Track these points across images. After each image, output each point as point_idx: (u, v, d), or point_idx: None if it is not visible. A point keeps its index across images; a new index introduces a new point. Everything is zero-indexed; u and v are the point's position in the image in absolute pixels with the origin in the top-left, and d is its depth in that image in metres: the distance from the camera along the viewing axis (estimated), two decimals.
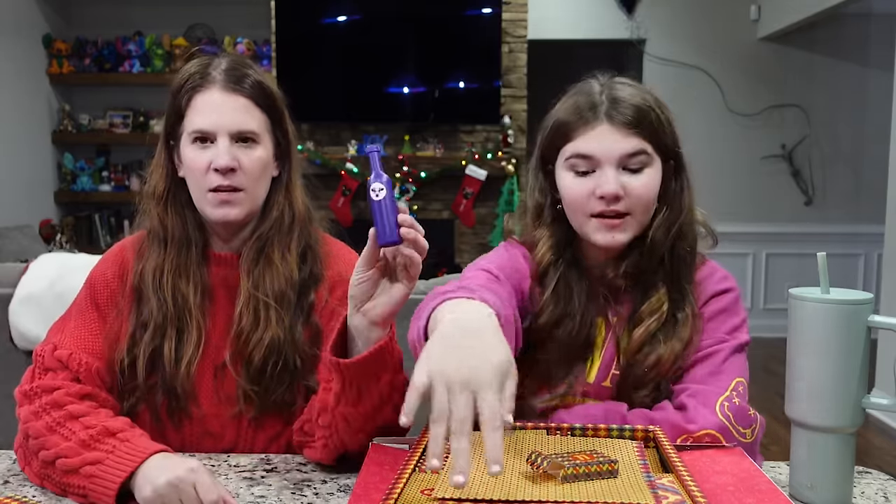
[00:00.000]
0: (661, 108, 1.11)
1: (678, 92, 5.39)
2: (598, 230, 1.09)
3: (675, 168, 1.14)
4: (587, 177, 1.09)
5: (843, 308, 0.91)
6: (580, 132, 1.09)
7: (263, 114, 1.18)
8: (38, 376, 1.12)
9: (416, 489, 0.82)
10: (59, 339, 1.15)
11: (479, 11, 4.76)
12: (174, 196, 1.19)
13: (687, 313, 1.10)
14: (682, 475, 0.83)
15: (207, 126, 1.14)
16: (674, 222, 1.12)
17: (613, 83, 1.12)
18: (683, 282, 1.12)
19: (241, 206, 1.16)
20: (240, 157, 1.14)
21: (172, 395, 1.15)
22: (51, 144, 5.22)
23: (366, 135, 4.89)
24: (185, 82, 1.16)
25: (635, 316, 1.12)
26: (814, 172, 5.46)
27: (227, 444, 1.18)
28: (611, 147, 1.07)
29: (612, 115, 1.07)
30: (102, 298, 1.19)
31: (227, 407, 1.17)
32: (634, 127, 1.07)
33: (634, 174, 1.08)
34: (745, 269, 5.53)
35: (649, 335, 1.10)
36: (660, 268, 1.12)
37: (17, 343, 1.91)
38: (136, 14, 5.25)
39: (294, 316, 1.18)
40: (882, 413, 3.77)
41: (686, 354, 1.10)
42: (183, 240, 1.18)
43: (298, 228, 1.22)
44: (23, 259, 3.42)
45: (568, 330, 1.12)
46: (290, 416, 1.17)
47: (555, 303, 1.12)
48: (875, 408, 0.92)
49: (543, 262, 1.14)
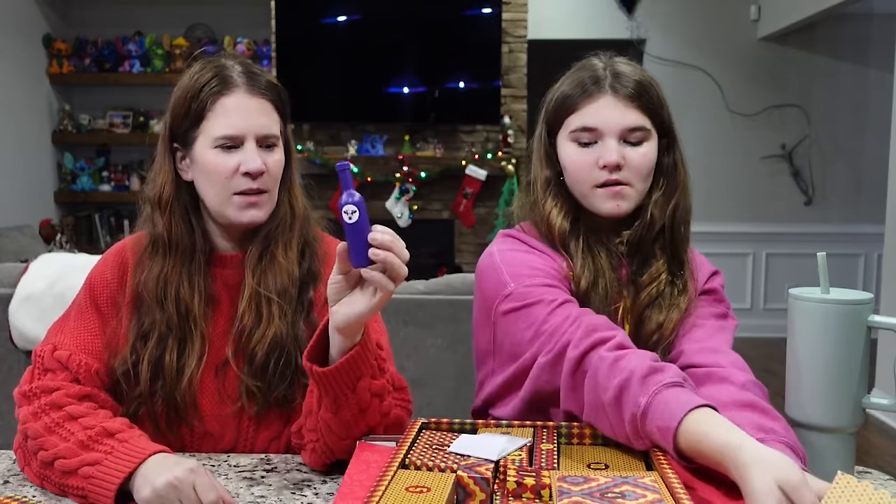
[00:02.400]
0: (657, 87, 1.17)
1: (678, 92, 5.39)
2: (603, 199, 1.14)
3: (669, 144, 1.19)
4: (590, 148, 1.14)
5: (843, 308, 0.91)
6: (584, 104, 1.14)
7: (279, 116, 1.19)
8: (38, 377, 1.11)
9: (401, 486, 0.82)
10: (59, 340, 1.15)
11: (479, 11, 4.76)
12: (179, 201, 1.18)
13: (685, 282, 1.16)
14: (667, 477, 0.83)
15: (236, 130, 1.14)
16: (671, 196, 1.17)
17: (614, 60, 1.18)
18: (681, 253, 1.17)
19: (266, 207, 1.17)
20: (266, 160, 1.15)
21: (172, 404, 1.14)
22: (51, 144, 5.22)
23: (366, 134, 4.89)
24: (202, 86, 1.14)
25: (636, 283, 1.16)
26: (814, 172, 5.46)
27: (227, 444, 1.18)
28: (614, 119, 1.13)
29: (616, 87, 1.13)
30: (102, 299, 1.18)
31: (228, 405, 1.17)
32: (636, 100, 1.13)
33: (634, 146, 1.13)
34: (745, 269, 5.53)
35: (651, 301, 1.14)
36: (659, 238, 1.17)
37: (17, 343, 1.91)
38: (136, 14, 5.25)
39: (296, 312, 1.18)
40: (882, 413, 3.77)
41: (684, 322, 1.14)
42: (188, 247, 1.18)
43: (299, 225, 1.23)
44: (23, 259, 3.43)
45: (603, 290, 1.15)
46: (290, 414, 1.17)
47: (586, 267, 1.15)
48: (875, 408, 0.92)
49: (564, 231, 1.17)
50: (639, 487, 0.79)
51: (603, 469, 0.90)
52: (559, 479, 0.82)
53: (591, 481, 0.81)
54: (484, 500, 0.83)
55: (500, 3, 4.72)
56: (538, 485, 0.83)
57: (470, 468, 0.85)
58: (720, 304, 1.19)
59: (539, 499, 0.82)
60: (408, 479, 0.84)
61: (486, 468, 0.86)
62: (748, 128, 5.41)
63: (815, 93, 5.40)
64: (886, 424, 3.70)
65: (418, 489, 0.81)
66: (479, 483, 0.83)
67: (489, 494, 0.83)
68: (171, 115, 1.17)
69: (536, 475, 0.84)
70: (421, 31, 4.82)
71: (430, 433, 0.99)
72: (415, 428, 0.98)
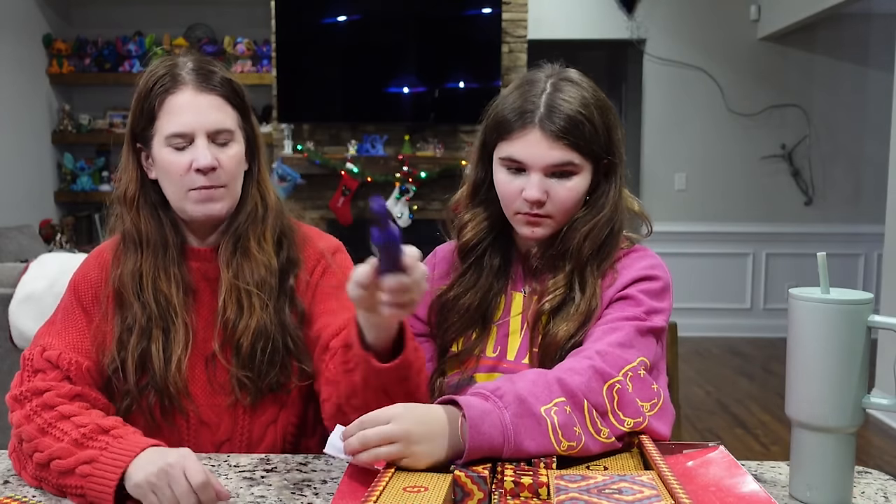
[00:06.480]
0: (600, 114, 1.15)
1: (678, 92, 5.40)
2: (522, 224, 1.17)
3: (607, 170, 1.18)
4: (518, 176, 1.15)
5: (843, 308, 0.91)
6: (515, 135, 1.14)
7: (235, 110, 1.20)
8: (28, 379, 1.11)
9: (399, 486, 0.82)
10: (47, 342, 1.15)
11: (479, 11, 4.75)
12: (145, 198, 1.20)
13: (584, 298, 1.14)
14: (664, 475, 0.83)
15: (185, 128, 1.15)
16: (590, 220, 1.17)
17: (560, 81, 1.16)
18: (588, 270, 1.16)
19: (223, 201, 1.17)
20: (218, 156, 1.16)
21: (164, 394, 1.15)
22: (51, 144, 5.23)
23: (366, 135, 4.89)
24: (153, 85, 1.16)
25: (541, 293, 1.18)
26: (814, 172, 5.46)
27: (224, 434, 1.18)
28: (539, 156, 1.13)
29: (544, 123, 1.12)
30: (87, 299, 1.20)
31: (221, 396, 1.18)
32: (564, 136, 1.12)
33: (561, 179, 1.14)
34: (745, 269, 5.53)
35: (549, 311, 1.15)
36: (567, 254, 1.17)
37: (16, 343, 1.92)
38: (136, 14, 5.25)
39: (279, 301, 1.19)
40: (882, 413, 3.77)
41: (583, 334, 1.13)
42: (159, 241, 1.19)
43: (272, 218, 1.24)
44: (23, 259, 3.43)
45: (468, 302, 1.20)
46: (284, 399, 1.18)
47: (465, 278, 1.21)
48: (875, 408, 0.92)
49: (470, 243, 1.22)
50: (636, 484, 0.79)
51: (601, 470, 0.90)
52: (556, 477, 0.82)
53: (589, 479, 0.81)
54: (482, 499, 0.83)
55: (500, 3, 4.72)
56: (535, 483, 0.83)
57: (467, 467, 0.85)
58: (633, 308, 1.13)
59: (537, 497, 0.82)
60: (406, 479, 0.84)
61: (483, 467, 0.86)
62: (748, 128, 5.41)
63: (815, 93, 5.40)
64: (886, 424, 3.70)
65: (416, 489, 0.81)
66: (476, 482, 0.83)
67: (487, 493, 0.83)
68: (130, 115, 1.20)
69: (534, 474, 0.84)
70: (421, 31, 4.82)
71: None
72: None
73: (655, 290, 1.15)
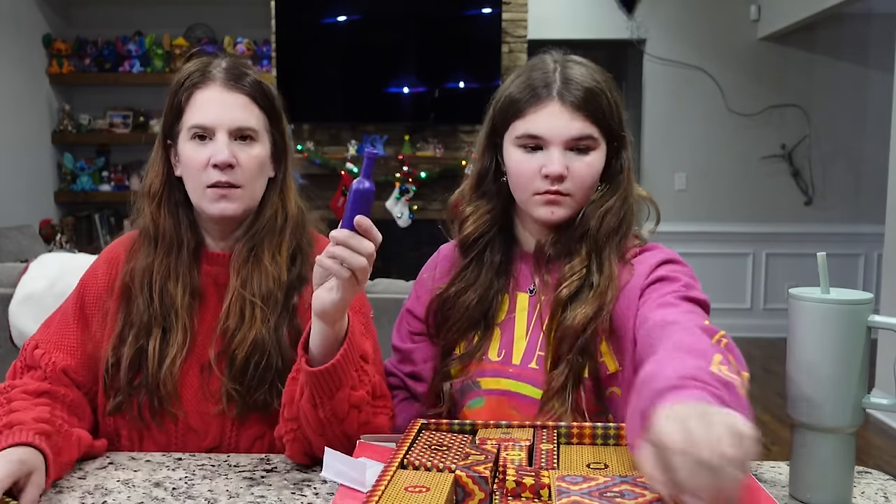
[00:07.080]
0: (611, 91, 1.14)
1: (678, 92, 5.40)
2: (540, 205, 1.12)
3: (618, 149, 1.17)
4: (535, 154, 1.12)
5: (843, 308, 0.91)
6: (531, 110, 1.11)
7: (262, 112, 1.20)
8: (20, 373, 1.16)
9: (401, 486, 0.82)
10: (42, 335, 1.20)
11: (479, 11, 4.75)
12: (169, 195, 1.21)
13: (603, 278, 1.11)
14: None
15: (207, 121, 1.15)
16: (606, 200, 1.14)
17: (567, 61, 1.15)
18: (606, 252, 1.13)
19: (239, 201, 1.17)
20: (238, 154, 1.15)
21: (154, 395, 1.15)
22: (51, 144, 5.22)
23: (366, 135, 4.89)
24: (184, 80, 1.18)
25: (559, 277, 1.14)
26: (814, 172, 5.46)
27: (211, 441, 1.18)
28: (560, 128, 1.10)
29: (563, 94, 1.10)
30: (90, 298, 1.21)
31: (210, 404, 1.17)
32: (584, 108, 1.10)
33: (580, 154, 1.11)
34: (745, 269, 5.53)
35: (571, 294, 1.11)
36: (585, 236, 1.14)
37: (16, 343, 1.91)
38: (136, 14, 5.25)
39: (280, 317, 1.18)
40: (882, 413, 3.77)
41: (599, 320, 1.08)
42: (174, 240, 1.20)
43: (290, 230, 1.23)
44: (23, 259, 3.43)
45: (468, 300, 1.17)
46: (271, 418, 1.15)
47: (466, 274, 1.19)
48: (875, 408, 0.92)
49: (471, 237, 1.19)
50: (637, 487, 0.79)
51: (602, 469, 0.90)
52: (558, 478, 0.82)
53: (591, 481, 0.81)
54: (483, 499, 0.83)
55: (500, 3, 4.72)
56: (537, 484, 0.83)
57: (469, 468, 0.85)
58: (671, 285, 1.09)
59: (538, 498, 0.82)
60: (407, 478, 0.84)
61: (484, 467, 0.86)
62: (748, 128, 5.41)
63: (815, 93, 5.40)
64: (886, 424, 3.70)
65: (417, 489, 0.81)
66: (477, 482, 0.83)
67: (488, 494, 0.83)
68: (164, 112, 1.21)
69: (536, 475, 0.84)
70: (421, 31, 4.82)
71: (430, 433, 0.99)
72: (414, 428, 0.98)
73: (685, 271, 1.12)
